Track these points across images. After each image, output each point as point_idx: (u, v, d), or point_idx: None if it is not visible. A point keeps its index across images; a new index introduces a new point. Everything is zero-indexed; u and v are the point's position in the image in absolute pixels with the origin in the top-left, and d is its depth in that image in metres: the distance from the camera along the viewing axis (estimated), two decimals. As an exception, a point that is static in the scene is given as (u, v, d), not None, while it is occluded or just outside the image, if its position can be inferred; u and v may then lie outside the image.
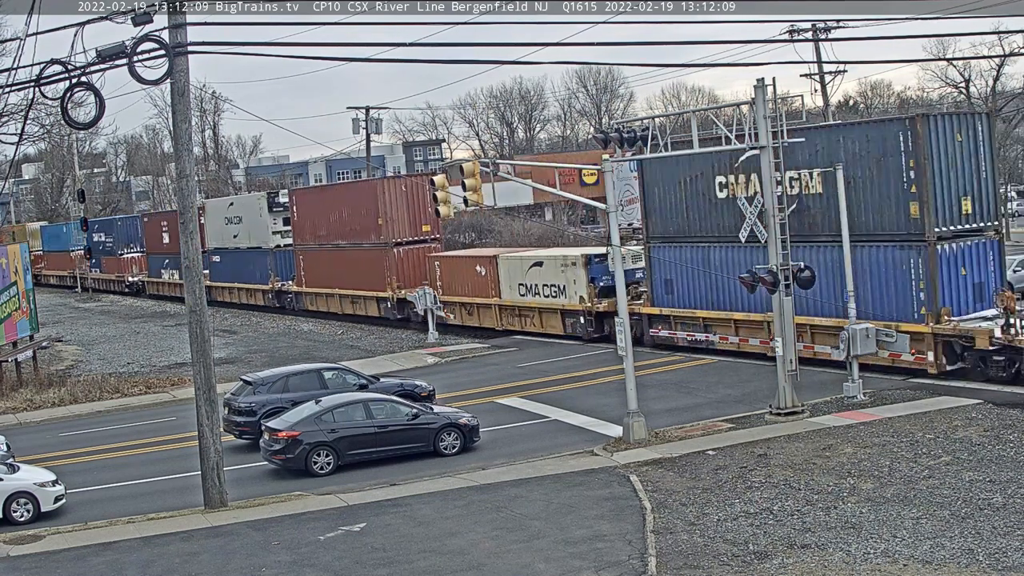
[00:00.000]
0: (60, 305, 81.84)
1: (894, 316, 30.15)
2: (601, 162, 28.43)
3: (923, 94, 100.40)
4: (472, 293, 46.12)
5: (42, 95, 23.54)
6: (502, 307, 45.02)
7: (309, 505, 23.33)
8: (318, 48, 71.32)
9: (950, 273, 29.81)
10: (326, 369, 32.28)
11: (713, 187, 35.72)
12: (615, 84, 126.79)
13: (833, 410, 27.46)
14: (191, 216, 23.91)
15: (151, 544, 21.46)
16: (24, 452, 29.54)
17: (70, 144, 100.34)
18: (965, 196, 29.89)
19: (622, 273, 28.02)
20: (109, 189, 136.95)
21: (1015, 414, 25.24)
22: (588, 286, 40.63)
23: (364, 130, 73.08)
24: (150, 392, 40.70)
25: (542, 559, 18.59)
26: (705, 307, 36.38)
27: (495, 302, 44.97)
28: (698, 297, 36.70)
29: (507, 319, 44.58)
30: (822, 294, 31.39)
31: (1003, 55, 69.10)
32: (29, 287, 45.39)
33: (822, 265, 31.09)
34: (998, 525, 18.30)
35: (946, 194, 29.68)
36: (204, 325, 23.94)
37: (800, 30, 57.79)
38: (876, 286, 30.80)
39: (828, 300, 31.60)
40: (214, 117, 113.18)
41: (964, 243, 30.03)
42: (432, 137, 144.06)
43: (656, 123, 30.85)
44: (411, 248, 50.19)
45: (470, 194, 29.13)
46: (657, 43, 28.86)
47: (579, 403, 31.61)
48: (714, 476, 22.76)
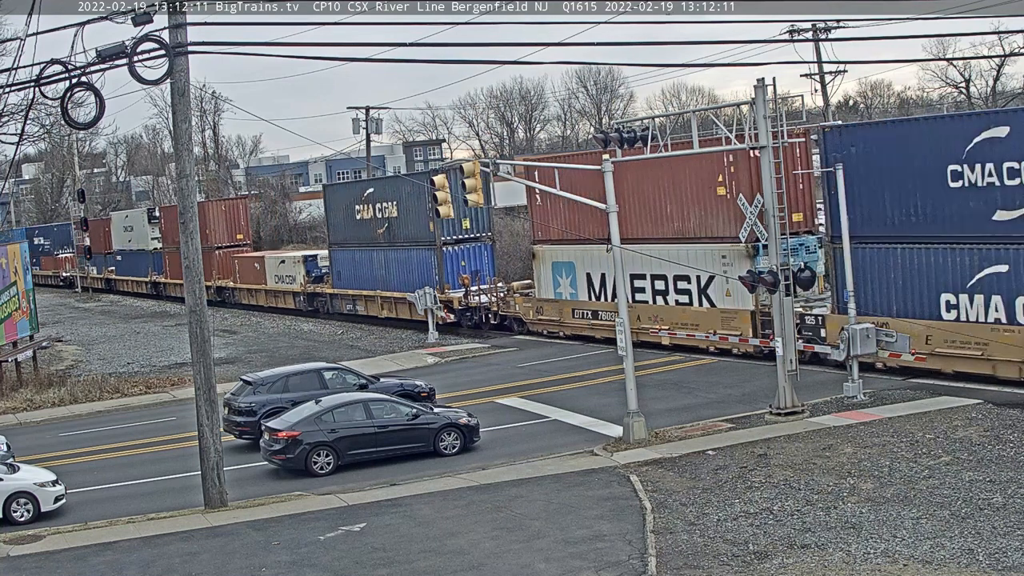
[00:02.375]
0: (60, 305, 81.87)
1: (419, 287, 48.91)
2: (602, 162, 28.41)
3: (923, 94, 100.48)
4: (255, 281, 65.74)
5: (42, 95, 23.53)
6: (267, 290, 63.85)
7: (309, 505, 23.33)
8: (318, 48, 71.27)
9: (452, 264, 49.18)
10: (326, 369, 32.28)
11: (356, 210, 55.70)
12: (615, 84, 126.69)
13: (833, 410, 27.46)
14: (191, 216, 23.89)
15: (151, 544, 21.46)
16: (24, 452, 29.54)
17: (70, 144, 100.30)
18: (466, 217, 48.51)
19: (622, 273, 28.01)
20: (109, 189, 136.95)
21: (1015, 414, 25.25)
22: (305, 276, 59.99)
23: (364, 130, 73.14)
24: (150, 392, 40.70)
25: (542, 559, 18.59)
26: (361, 288, 55.36)
27: (263, 287, 64.42)
28: (358, 282, 55.69)
29: (270, 298, 63.97)
30: (402, 279, 51.82)
31: (1003, 55, 69.20)
32: (29, 287, 45.40)
33: (403, 261, 51.92)
34: (998, 525, 18.30)
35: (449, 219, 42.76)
36: (204, 325, 23.93)
37: (800, 30, 57.83)
38: (408, 271, 51.34)
39: (405, 283, 51.02)
40: (214, 117, 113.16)
41: (463, 247, 49.77)
42: (432, 137, 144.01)
43: (656, 123, 30.86)
44: (227, 251, 69.85)
45: (470, 194, 29.15)
46: (657, 43, 28.92)
47: (579, 403, 31.61)
48: (714, 476, 22.76)
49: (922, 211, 29.93)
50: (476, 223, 49.48)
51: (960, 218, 28.86)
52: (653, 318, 38.72)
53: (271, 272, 62.93)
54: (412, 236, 50.88)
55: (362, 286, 54.99)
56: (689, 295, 37.69)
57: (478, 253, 49.52)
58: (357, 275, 55.46)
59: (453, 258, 49.02)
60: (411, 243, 51.02)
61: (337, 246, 57.40)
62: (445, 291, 48.29)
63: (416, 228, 50.48)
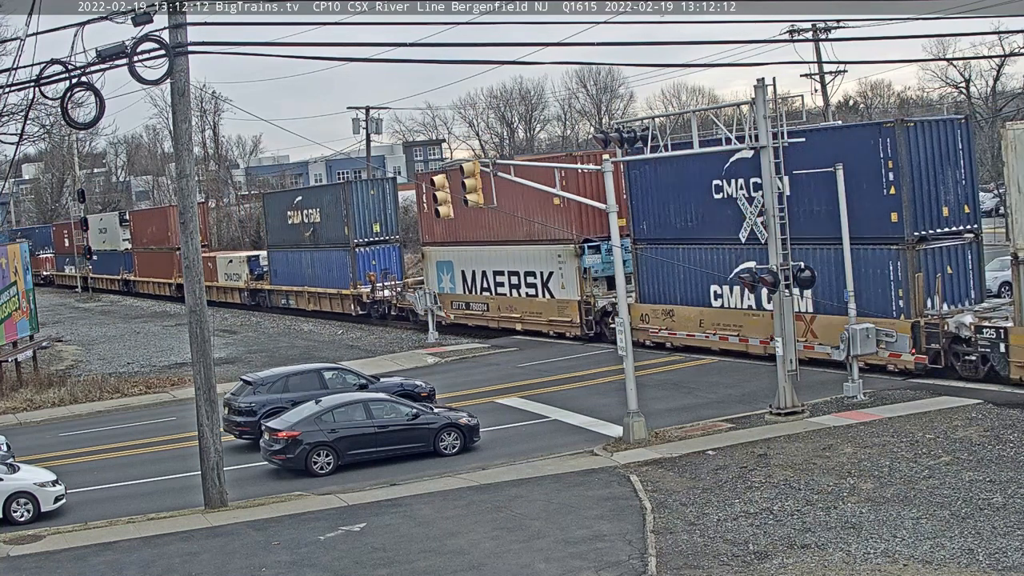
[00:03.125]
0: (60, 305, 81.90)
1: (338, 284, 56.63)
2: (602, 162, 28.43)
3: (923, 94, 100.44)
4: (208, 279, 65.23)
5: (42, 95, 23.53)
6: (218, 287, 68.77)
7: (309, 505, 23.33)
8: (318, 48, 71.39)
9: (364, 264, 54.60)
10: (326, 369, 32.29)
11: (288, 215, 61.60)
12: (615, 84, 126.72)
13: (833, 410, 27.45)
14: (191, 216, 23.89)
15: (151, 544, 21.46)
16: (24, 452, 29.54)
17: (70, 144, 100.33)
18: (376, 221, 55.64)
19: (622, 273, 28.01)
20: (109, 189, 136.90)
21: (1015, 414, 25.24)
22: (248, 274, 66.44)
23: (364, 130, 73.12)
24: (150, 392, 40.71)
25: (542, 559, 18.59)
26: (293, 284, 61.32)
27: (215, 284, 68.27)
28: (291, 279, 61.55)
29: (221, 294, 68.55)
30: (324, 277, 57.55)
31: (1003, 55, 69.17)
32: (29, 287, 45.39)
33: (325, 260, 57.15)
34: (998, 525, 18.30)
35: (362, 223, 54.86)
36: (204, 325, 23.93)
37: (800, 30, 57.79)
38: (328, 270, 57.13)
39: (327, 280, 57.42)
40: (214, 117, 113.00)
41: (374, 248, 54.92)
42: (432, 137, 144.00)
43: (656, 123, 30.86)
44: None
45: (470, 194, 29.16)
46: (657, 43, 28.91)
47: (579, 403, 31.61)
48: (714, 476, 22.76)
49: (696, 218, 36.35)
50: (385, 227, 55.80)
51: (722, 223, 34.69)
52: (510, 308, 45.78)
53: (221, 270, 69.11)
54: (332, 239, 57.04)
55: (294, 282, 61.47)
56: (536, 288, 44.49)
57: (387, 254, 55.64)
58: (290, 273, 61.90)
59: (365, 258, 55.01)
60: (331, 245, 57.05)
61: (274, 247, 63.42)
62: (357, 287, 54.69)
63: (335, 232, 56.68)
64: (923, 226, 30.51)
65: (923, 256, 30.42)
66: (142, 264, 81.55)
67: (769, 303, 30.53)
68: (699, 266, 36.20)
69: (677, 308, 37.36)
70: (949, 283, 30.99)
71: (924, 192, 30.49)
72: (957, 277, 31.28)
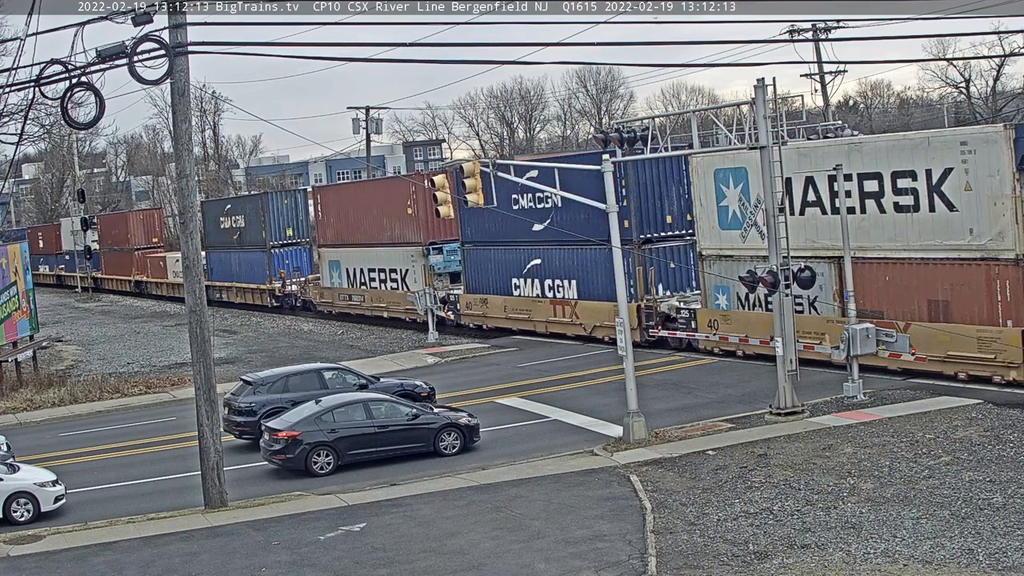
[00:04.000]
0: (60, 305, 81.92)
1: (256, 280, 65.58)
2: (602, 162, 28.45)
3: (923, 94, 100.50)
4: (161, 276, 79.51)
5: (42, 95, 23.54)
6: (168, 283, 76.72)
7: (309, 505, 23.33)
8: (318, 48, 71.40)
9: (278, 263, 63.96)
10: (326, 369, 32.28)
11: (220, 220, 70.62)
12: (615, 84, 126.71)
13: (833, 410, 27.44)
14: (191, 216, 23.92)
15: (151, 544, 21.46)
16: (24, 452, 29.54)
17: (70, 144, 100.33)
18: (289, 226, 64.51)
19: (622, 273, 28.01)
20: (109, 189, 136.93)
21: (1015, 414, 25.23)
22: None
23: (364, 130, 73.15)
24: (150, 392, 40.70)
25: (542, 559, 18.59)
26: (224, 281, 69.96)
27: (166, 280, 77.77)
28: (223, 276, 70.10)
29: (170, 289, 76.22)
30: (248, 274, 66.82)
31: (1003, 55, 69.22)
32: (29, 287, 45.40)
33: (247, 260, 66.28)
34: (998, 525, 18.30)
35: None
36: (204, 325, 23.93)
37: (800, 30, 57.83)
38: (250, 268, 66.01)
39: (250, 277, 66.30)
40: (214, 117, 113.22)
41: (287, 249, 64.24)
42: (432, 137, 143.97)
43: (656, 123, 30.86)
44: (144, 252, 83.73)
45: (470, 194, 29.15)
46: (657, 43, 28.93)
47: (579, 403, 31.61)
48: (714, 476, 22.76)
49: (501, 225, 43.69)
50: (297, 231, 64.94)
51: (519, 229, 43.14)
52: (379, 299, 54.08)
53: (171, 268, 76.26)
54: (252, 241, 65.86)
55: (225, 279, 70.11)
56: (397, 282, 53.08)
57: (298, 254, 64.60)
58: (222, 271, 70.43)
59: (279, 258, 64.17)
60: (252, 246, 65.89)
61: (210, 248, 69.78)
62: (271, 283, 63.97)
63: (255, 235, 65.46)
64: (648, 231, 39.50)
65: (648, 254, 38.90)
66: (108, 263, 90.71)
67: (548, 293, 43.42)
68: (503, 263, 45.89)
69: (491, 298, 46.56)
70: (674, 276, 39.67)
71: (650, 205, 39.55)
72: (680, 271, 39.50)
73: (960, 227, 28.31)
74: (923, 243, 29.41)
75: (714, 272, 36.11)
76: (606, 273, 36.95)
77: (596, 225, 34.62)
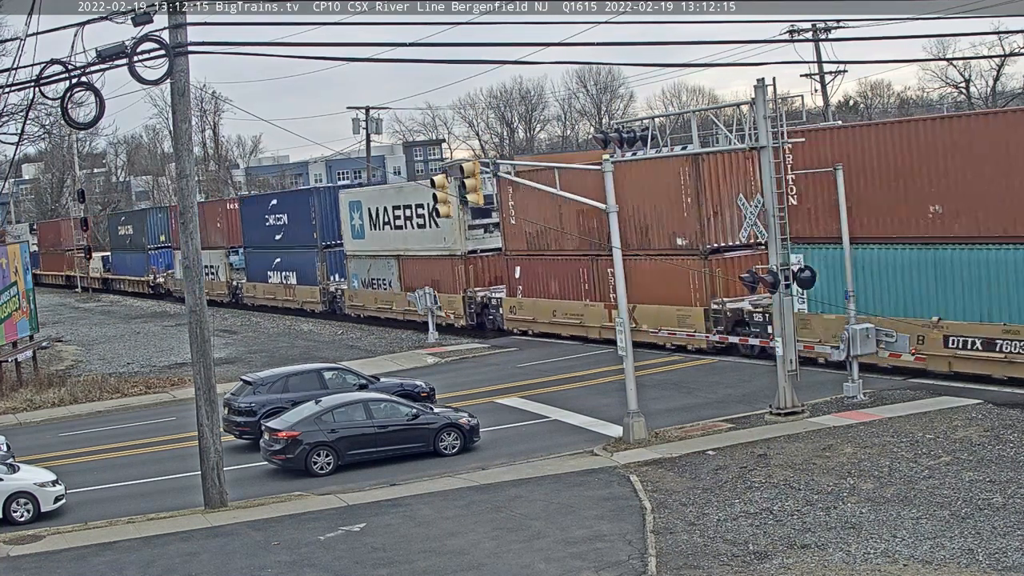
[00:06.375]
0: (60, 305, 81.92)
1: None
2: (602, 161, 28.44)
3: (923, 94, 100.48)
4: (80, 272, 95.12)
5: (42, 95, 23.55)
6: (90, 277, 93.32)
7: (309, 505, 23.33)
8: (318, 48, 71.31)
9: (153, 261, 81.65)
10: (326, 369, 32.28)
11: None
12: (615, 84, 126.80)
13: (833, 410, 27.44)
14: (191, 216, 23.89)
15: (151, 544, 21.47)
16: (24, 452, 29.54)
17: (70, 144, 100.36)
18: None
19: (622, 272, 28.00)
20: (109, 189, 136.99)
21: (1015, 414, 25.23)
22: (102, 267, 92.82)
23: (364, 130, 73.10)
24: (150, 392, 40.70)
25: (542, 559, 18.59)
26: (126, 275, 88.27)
27: (89, 275, 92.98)
28: (127, 271, 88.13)
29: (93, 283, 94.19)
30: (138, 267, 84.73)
31: (1003, 55, 69.25)
32: (29, 287, 45.37)
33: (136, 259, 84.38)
34: (998, 525, 18.30)
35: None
36: (204, 325, 23.93)
37: (800, 30, 57.77)
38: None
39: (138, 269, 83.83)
40: (214, 117, 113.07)
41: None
42: (432, 137, 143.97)
43: (656, 123, 30.84)
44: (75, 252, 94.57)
45: (470, 194, 29.14)
46: (657, 43, 28.91)
47: (579, 403, 31.60)
48: (714, 476, 22.76)
49: (264, 232, 62.70)
50: (168, 237, 77.68)
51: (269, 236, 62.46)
52: (212, 288, 65.73)
53: (93, 265, 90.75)
54: (136, 244, 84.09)
55: (124, 273, 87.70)
56: (214, 274, 68.89)
57: (171, 255, 76.53)
58: (121, 266, 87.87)
59: (155, 258, 79.35)
60: (135, 248, 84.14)
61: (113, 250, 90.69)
62: (151, 275, 79.20)
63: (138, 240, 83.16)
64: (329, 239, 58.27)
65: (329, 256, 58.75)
66: (46, 262, 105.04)
67: (298, 282, 61.06)
68: (268, 262, 62.85)
69: (259, 284, 64.57)
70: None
71: (329, 222, 57.68)
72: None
73: (441, 237, 48.15)
74: (426, 246, 49.81)
75: (351, 265, 56.47)
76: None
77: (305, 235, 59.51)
